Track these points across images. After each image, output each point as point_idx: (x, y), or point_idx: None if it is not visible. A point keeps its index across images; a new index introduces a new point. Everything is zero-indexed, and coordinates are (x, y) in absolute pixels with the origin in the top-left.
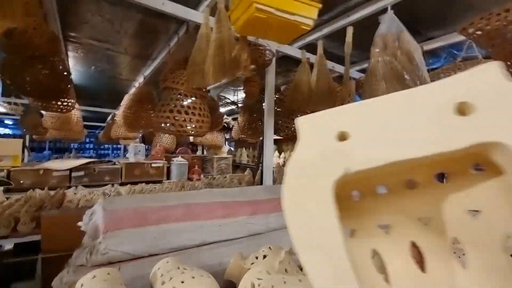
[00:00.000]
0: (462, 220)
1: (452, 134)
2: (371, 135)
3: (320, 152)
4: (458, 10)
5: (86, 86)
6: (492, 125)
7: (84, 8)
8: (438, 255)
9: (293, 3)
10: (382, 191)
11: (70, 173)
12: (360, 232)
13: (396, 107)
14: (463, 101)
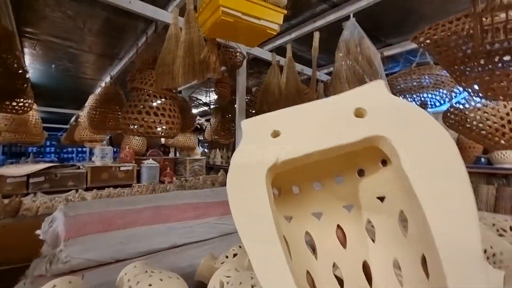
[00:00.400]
0: (374, 205)
1: (351, 130)
2: (296, 132)
3: (257, 146)
4: (413, 19)
5: (46, 86)
6: (378, 124)
7: (41, 3)
8: (356, 234)
9: (259, 8)
10: (316, 187)
11: (28, 179)
12: (296, 219)
13: (315, 111)
14: (359, 107)
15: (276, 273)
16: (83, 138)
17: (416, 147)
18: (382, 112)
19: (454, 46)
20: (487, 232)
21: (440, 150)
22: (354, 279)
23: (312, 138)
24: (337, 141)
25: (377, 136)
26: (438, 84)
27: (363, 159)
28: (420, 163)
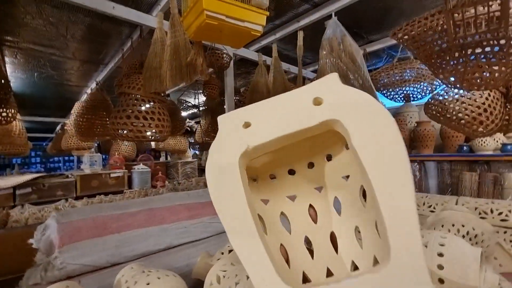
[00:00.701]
0: (340, 184)
1: (310, 116)
2: (264, 122)
3: (231, 136)
4: (393, 16)
5: (30, 94)
6: (333, 110)
7: (22, 10)
8: (325, 210)
9: (242, 10)
10: (291, 174)
11: (14, 191)
12: (273, 201)
13: (280, 103)
14: (317, 96)
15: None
16: (71, 146)
17: (362, 126)
18: (336, 99)
19: (430, 41)
20: (469, 215)
21: (381, 127)
22: (323, 247)
23: (278, 125)
24: (299, 126)
25: (332, 120)
26: (419, 77)
27: (330, 145)
28: (365, 140)
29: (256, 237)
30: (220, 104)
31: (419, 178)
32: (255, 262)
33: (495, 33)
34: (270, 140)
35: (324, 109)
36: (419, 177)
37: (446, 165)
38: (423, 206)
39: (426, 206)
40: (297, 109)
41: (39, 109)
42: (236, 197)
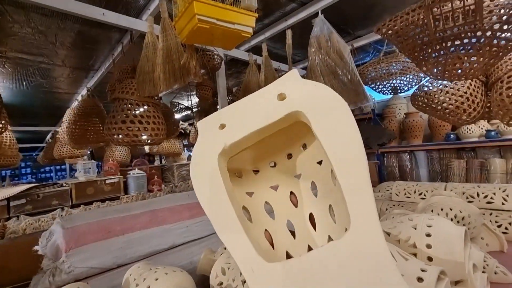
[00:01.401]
0: (315, 169)
1: (276, 111)
2: (237, 122)
3: (209, 138)
4: (377, 11)
5: (18, 104)
6: (295, 102)
7: (9, 20)
8: (304, 195)
9: (233, 13)
10: (271, 165)
11: (8, 203)
12: (257, 193)
13: (250, 102)
14: (281, 92)
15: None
16: (63, 155)
17: (320, 114)
18: (297, 93)
19: (413, 35)
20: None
21: (336, 113)
22: (303, 228)
23: (249, 123)
24: (267, 121)
25: (296, 111)
26: (405, 70)
27: (304, 134)
28: (324, 125)
29: (241, 231)
30: (213, 105)
31: (410, 168)
32: (240, 250)
33: (472, 25)
34: (244, 136)
35: (287, 103)
36: (410, 166)
37: (435, 153)
38: (414, 194)
39: (417, 194)
40: (264, 106)
41: (28, 119)
42: (219, 195)
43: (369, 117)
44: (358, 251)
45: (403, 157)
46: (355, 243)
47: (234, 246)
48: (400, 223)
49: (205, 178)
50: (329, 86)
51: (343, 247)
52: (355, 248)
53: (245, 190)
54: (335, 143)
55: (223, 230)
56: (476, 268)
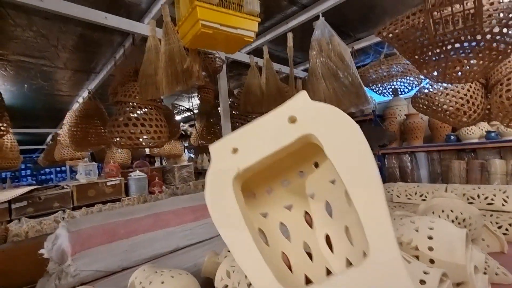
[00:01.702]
0: (328, 188)
1: (287, 134)
2: (249, 146)
3: (222, 162)
4: (377, 14)
5: (19, 106)
6: (306, 125)
7: (11, 23)
8: (319, 215)
9: (235, 18)
10: (285, 185)
11: (10, 205)
12: (271, 213)
13: (261, 126)
14: (292, 115)
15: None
16: (64, 157)
17: (331, 136)
18: (308, 115)
19: (413, 39)
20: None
21: (347, 133)
22: (319, 249)
23: (261, 147)
24: (279, 145)
25: (307, 135)
26: (406, 71)
27: (315, 153)
28: (335, 149)
29: (259, 258)
30: (214, 107)
31: (411, 169)
32: (260, 279)
33: (471, 29)
34: (257, 161)
35: (298, 126)
36: (410, 167)
37: (436, 155)
38: (415, 195)
39: (418, 195)
40: (276, 129)
41: (29, 121)
42: (235, 222)
43: (370, 119)
44: (379, 279)
45: (403, 158)
46: (375, 271)
47: (254, 275)
48: (402, 225)
49: (221, 204)
50: (330, 89)
51: (363, 275)
52: (375, 276)
53: (259, 210)
54: (348, 167)
55: (241, 257)
56: (477, 269)
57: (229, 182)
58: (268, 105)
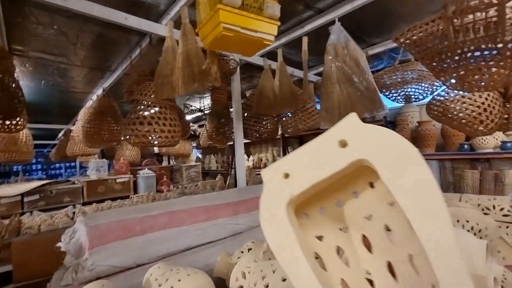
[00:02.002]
0: (387, 211)
1: (338, 159)
2: (301, 171)
3: (275, 188)
4: (392, 20)
5: (35, 102)
6: (358, 150)
7: (34, 21)
8: (378, 239)
9: (256, 22)
10: (339, 205)
11: (22, 198)
12: (327, 236)
13: (311, 150)
14: (342, 139)
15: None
16: (75, 152)
17: (388, 163)
18: (359, 139)
19: (431, 45)
20: (472, 211)
21: (406, 161)
22: (381, 277)
23: (312, 173)
24: (330, 171)
25: (359, 159)
26: (421, 78)
27: (370, 174)
28: (394, 176)
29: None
30: (226, 108)
31: None
32: None
33: (493, 37)
34: (308, 187)
35: (350, 151)
36: None
37: (448, 163)
38: None
39: None
40: (326, 154)
41: (42, 116)
42: (291, 248)
43: (381, 125)
44: None
45: None
46: None
47: None
48: None
49: (276, 231)
50: (344, 93)
51: None
52: None
53: (314, 233)
54: (409, 197)
55: (300, 285)
56: (497, 282)
57: (283, 209)
58: (281, 108)
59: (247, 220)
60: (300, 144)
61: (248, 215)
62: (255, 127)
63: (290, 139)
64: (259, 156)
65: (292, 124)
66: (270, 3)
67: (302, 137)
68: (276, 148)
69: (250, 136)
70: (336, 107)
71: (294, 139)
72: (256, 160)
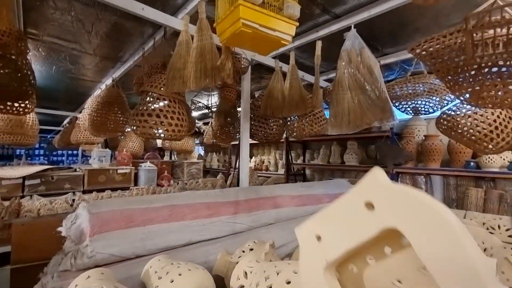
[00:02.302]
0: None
1: (368, 226)
2: (331, 236)
3: (310, 251)
4: (408, 31)
5: (44, 87)
6: (386, 216)
7: (52, 6)
8: None
9: (275, 20)
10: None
11: (23, 182)
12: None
13: (339, 212)
14: (368, 201)
15: None
16: (80, 140)
17: (418, 232)
18: (387, 203)
19: (448, 58)
20: (478, 229)
21: (438, 229)
22: None
23: (343, 239)
24: (359, 239)
25: (388, 228)
26: (432, 92)
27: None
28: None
29: None
30: (233, 107)
31: (425, 191)
32: None
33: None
34: (341, 254)
35: (378, 218)
36: (425, 190)
37: (452, 180)
38: None
39: None
40: (354, 218)
41: (49, 102)
42: None
43: (387, 136)
44: None
45: (418, 180)
46: None
47: None
48: None
49: None
50: (355, 100)
51: None
52: None
53: None
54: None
55: None
56: None
57: (321, 274)
58: (289, 111)
59: (248, 220)
60: (304, 148)
61: (250, 215)
62: (262, 128)
63: (294, 143)
64: (262, 158)
65: (298, 128)
66: (291, 3)
67: (305, 142)
68: (279, 151)
69: (256, 137)
70: (345, 113)
71: (298, 143)
72: (258, 161)
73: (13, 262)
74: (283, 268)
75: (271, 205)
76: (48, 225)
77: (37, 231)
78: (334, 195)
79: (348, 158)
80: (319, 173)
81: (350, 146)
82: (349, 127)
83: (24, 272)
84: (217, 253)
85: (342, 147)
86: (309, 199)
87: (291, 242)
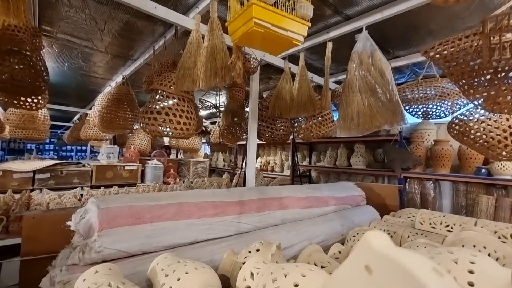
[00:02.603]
0: None
1: None
2: None
3: None
4: (420, 34)
5: (56, 83)
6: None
7: (66, 3)
8: None
9: (288, 20)
10: None
11: (34, 175)
12: None
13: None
14: (367, 265)
15: None
16: (89, 136)
17: None
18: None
19: (463, 62)
20: (490, 237)
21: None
22: None
23: None
24: None
25: None
26: (443, 96)
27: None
28: None
29: None
30: (241, 107)
31: (433, 197)
32: None
33: None
34: None
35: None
36: (433, 195)
37: (462, 186)
38: (440, 225)
39: (444, 225)
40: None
41: (61, 98)
42: None
43: (396, 139)
44: None
45: (426, 185)
46: None
47: None
48: (439, 254)
49: None
50: (365, 103)
51: None
52: None
53: None
54: None
55: None
56: None
57: None
58: (297, 112)
59: (255, 220)
60: (310, 150)
61: (256, 215)
62: (269, 129)
63: (300, 144)
64: (267, 159)
65: (305, 129)
66: (304, 3)
67: (312, 143)
68: (285, 152)
69: (263, 137)
70: (355, 115)
71: (304, 145)
72: (264, 162)
73: (23, 254)
74: (291, 271)
75: (277, 206)
76: (57, 218)
77: (47, 224)
78: (340, 197)
79: (355, 161)
80: (325, 175)
81: (357, 149)
82: (358, 129)
83: (33, 264)
84: (222, 252)
85: (349, 150)
86: (315, 201)
87: (297, 244)
